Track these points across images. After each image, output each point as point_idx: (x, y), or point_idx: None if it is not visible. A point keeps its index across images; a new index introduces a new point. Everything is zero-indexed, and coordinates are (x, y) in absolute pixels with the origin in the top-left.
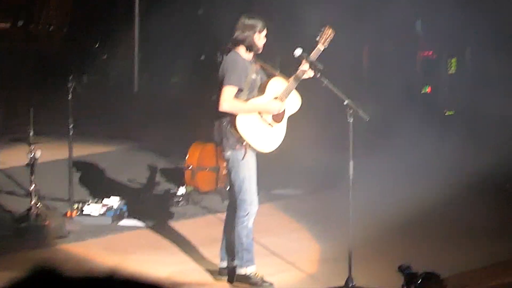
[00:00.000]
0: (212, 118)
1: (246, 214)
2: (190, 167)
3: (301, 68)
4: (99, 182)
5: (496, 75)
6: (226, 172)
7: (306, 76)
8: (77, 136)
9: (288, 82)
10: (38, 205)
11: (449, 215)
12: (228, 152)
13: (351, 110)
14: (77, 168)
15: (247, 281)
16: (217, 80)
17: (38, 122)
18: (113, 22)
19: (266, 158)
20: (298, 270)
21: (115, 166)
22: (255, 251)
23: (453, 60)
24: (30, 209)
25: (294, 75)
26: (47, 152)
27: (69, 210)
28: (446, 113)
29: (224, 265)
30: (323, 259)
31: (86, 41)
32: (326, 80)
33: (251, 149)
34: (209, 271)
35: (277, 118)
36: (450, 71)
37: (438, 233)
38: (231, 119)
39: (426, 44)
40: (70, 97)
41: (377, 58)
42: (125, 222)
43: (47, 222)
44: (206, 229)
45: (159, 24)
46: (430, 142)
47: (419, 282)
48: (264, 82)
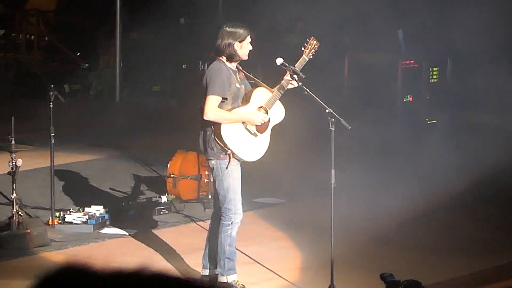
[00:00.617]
0: (196, 127)
1: (231, 223)
2: (172, 176)
3: (285, 78)
4: (81, 190)
5: (477, 85)
6: (208, 180)
7: (290, 86)
8: (58, 144)
9: (272, 92)
10: (20, 213)
11: (431, 224)
12: (212, 161)
13: (333, 119)
14: (59, 176)
15: None
16: (200, 89)
17: (20, 131)
18: (94, 32)
19: (248, 166)
20: (280, 278)
21: (97, 174)
22: (237, 260)
23: (435, 69)
24: (12, 217)
25: (278, 85)
26: (29, 160)
27: (51, 218)
28: (428, 121)
29: (206, 273)
30: (305, 267)
31: (67, 50)
32: (307, 89)
33: (236, 158)
34: None
35: (261, 128)
36: (432, 80)
37: (420, 241)
38: (216, 128)
39: (408, 53)
40: (51, 105)
41: (358, 67)
42: (107, 230)
43: (29, 231)
44: (188, 237)
45: (141, 33)
46: (412, 150)
47: None
48: (248, 92)
